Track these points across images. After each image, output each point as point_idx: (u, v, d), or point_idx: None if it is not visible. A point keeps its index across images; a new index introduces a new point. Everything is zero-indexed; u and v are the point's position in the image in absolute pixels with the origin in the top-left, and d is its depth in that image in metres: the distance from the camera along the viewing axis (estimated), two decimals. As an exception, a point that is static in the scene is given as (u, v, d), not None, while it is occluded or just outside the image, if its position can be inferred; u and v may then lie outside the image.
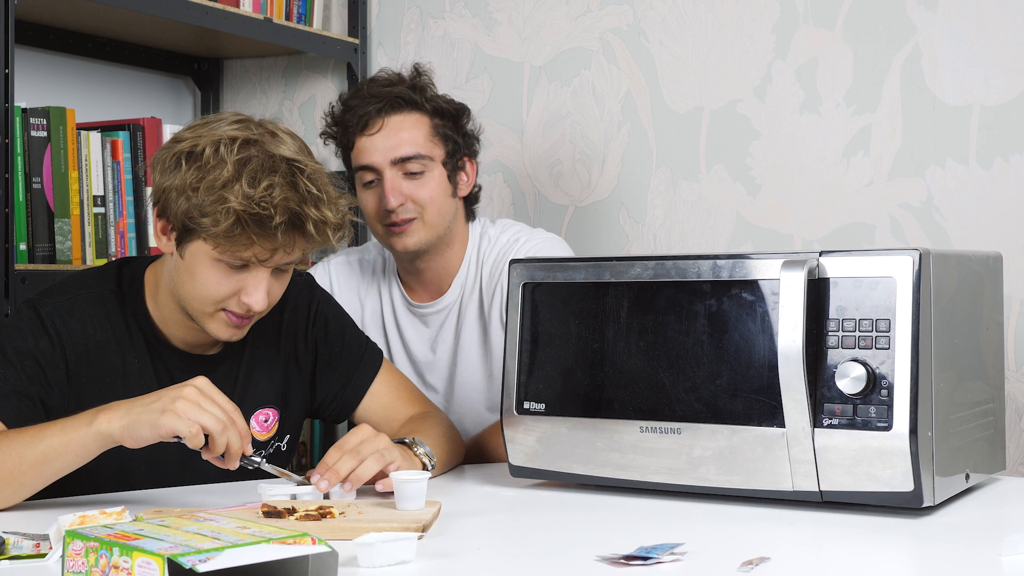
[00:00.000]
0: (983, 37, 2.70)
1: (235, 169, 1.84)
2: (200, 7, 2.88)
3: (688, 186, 2.98)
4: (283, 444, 2.14)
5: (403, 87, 2.44)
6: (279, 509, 1.68)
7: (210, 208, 1.83)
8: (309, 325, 2.15)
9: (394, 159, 2.40)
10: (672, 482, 1.86)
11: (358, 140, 2.42)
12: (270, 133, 1.91)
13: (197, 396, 1.74)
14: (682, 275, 1.86)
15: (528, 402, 1.97)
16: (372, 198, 2.43)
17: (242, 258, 1.88)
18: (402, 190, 2.39)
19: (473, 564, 1.55)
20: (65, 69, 3.08)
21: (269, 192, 1.83)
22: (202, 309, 1.93)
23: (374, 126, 2.41)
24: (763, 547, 1.58)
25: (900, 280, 1.72)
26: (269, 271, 1.91)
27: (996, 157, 2.69)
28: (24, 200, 2.53)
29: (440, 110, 2.46)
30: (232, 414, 1.76)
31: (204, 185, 1.84)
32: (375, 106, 2.41)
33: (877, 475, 1.71)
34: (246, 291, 1.90)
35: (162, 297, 2.00)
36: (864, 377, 1.72)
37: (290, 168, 1.87)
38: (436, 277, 2.51)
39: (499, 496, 1.96)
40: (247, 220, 1.83)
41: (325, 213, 1.88)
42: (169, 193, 1.89)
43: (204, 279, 1.90)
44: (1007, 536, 1.52)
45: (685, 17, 2.97)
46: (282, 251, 1.89)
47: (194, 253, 1.89)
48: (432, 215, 2.42)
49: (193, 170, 1.86)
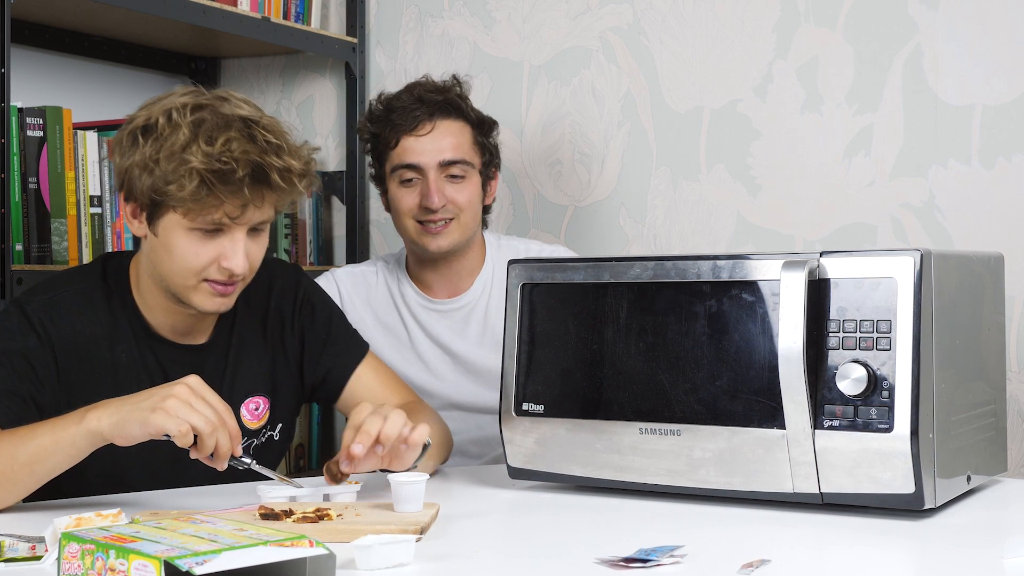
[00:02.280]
0: (985, 36, 2.71)
1: (191, 131, 1.86)
2: (197, 6, 2.87)
3: (688, 186, 2.98)
4: (275, 433, 2.14)
5: (451, 95, 2.56)
6: (276, 511, 1.68)
7: (173, 174, 1.84)
8: (295, 311, 2.16)
9: (441, 161, 2.51)
10: (672, 484, 1.86)
11: (405, 139, 2.51)
12: (221, 98, 1.93)
13: (188, 395, 1.74)
14: (682, 276, 1.86)
15: (527, 403, 1.96)
16: (410, 196, 2.52)
17: (214, 221, 1.88)
18: (444, 192, 2.50)
19: (471, 566, 1.55)
20: (62, 68, 3.08)
21: (228, 147, 1.84)
22: (184, 283, 1.93)
23: (424, 128, 2.51)
24: (763, 549, 1.57)
25: (901, 281, 1.72)
26: (244, 231, 1.91)
27: (998, 157, 2.69)
28: (20, 200, 2.53)
29: (480, 121, 2.59)
30: (223, 414, 1.76)
31: (164, 154, 1.85)
32: (426, 109, 2.52)
33: (878, 477, 1.71)
34: (224, 255, 1.90)
35: (145, 285, 2.00)
36: (865, 378, 1.72)
37: (244, 123, 1.89)
38: (456, 276, 2.60)
39: (498, 498, 1.96)
40: (211, 179, 1.84)
41: (288, 161, 1.90)
42: (132, 172, 1.90)
43: (181, 251, 1.90)
44: (1009, 538, 1.52)
45: (685, 16, 2.97)
46: (252, 207, 1.89)
47: (167, 227, 1.90)
48: (468, 218, 2.53)
49: (151, 142, 1.88)
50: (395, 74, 3.26)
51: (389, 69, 3.29)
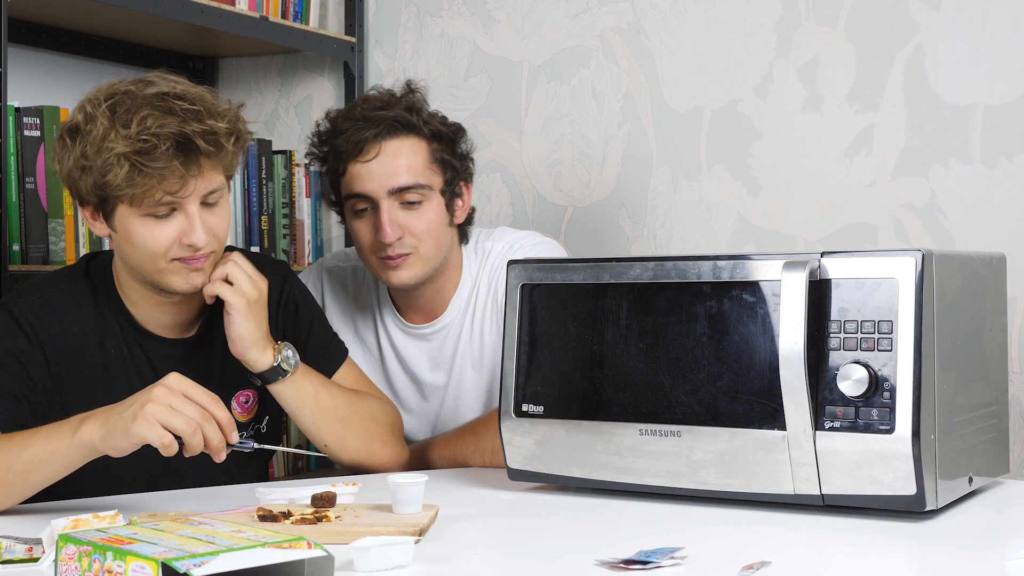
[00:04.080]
0: (986, 36, 2.71)
1: (108, 120, 1.86)
2: (195, 5, 2.87)
3: (688, 186, 2.98)
4: (263, 426, 2.15)
5: (399, 109, 2.31)
6: (275, 513, 1.68)
7: (103, 165, 1.85)
8: (280, 309, 2.16)
9: (391, 189, 2.27)
10: (672, 485, 1.86)
11: (351, 166, 2.29)
12: (142, 82, 1.93)
13: (167, 396, 1.72)
14: (682, 276, 1.86)
15: (526, 404, 1.96)
16: (365, 228, 2.31)
17: (160, 203, 1.88)
18: (399, 221, 2.28)
19: (470, 568, 1.55)
20: (59, 68, 3.08)
21: (144, 125, 1.84)
22: (155, 267, 1.93)
23: (370, 152, 2.28)
24: (764, 551, 1.57)
25: (902, 281, 1.71)
26: (196, 205, 1.91)
27: (1000, 157, 2.69)
28: (17, 200, 2.53)
29: (438, 134, 2.34)
30: (208, 406, 1.74)
31: (91, 149, 1.86)
32: (371, 131, 2.28)
33: (879, 478, 1.71)
34: (184, 233, 1.91)
35: (126, 281, 2.01)
36: (866, 379, 1.71)
37: (159, 98, 1.88)
38: (430, 303, 2.43)
39: (497, 499, 1.96)
40: (138, 161, 1.84)
41: (211, 124, 1.89)
42: (72, 175, 1.91)
43: (141, 239, 1.90)
44: (1011, 540, 1.53)
45: (685, 15, 2.97)
46: (192, 179, 1.88)
47: (121, 220, 1.91)
48: (428, 248, 2.31)
49: (78, 142, 1.89)
50: (394, 73, 3.26)
51: (388, 69, 3.29)
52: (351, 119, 2.32)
